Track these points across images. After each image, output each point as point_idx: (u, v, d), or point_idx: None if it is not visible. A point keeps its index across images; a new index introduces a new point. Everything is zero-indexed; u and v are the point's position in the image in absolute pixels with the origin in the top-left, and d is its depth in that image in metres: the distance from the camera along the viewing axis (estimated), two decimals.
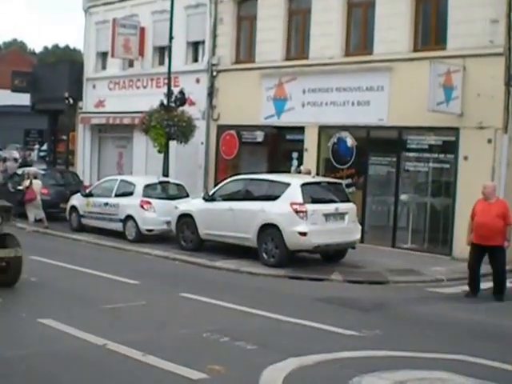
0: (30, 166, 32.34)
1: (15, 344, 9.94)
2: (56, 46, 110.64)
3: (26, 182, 23.56)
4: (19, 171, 27.77)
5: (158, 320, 11.75)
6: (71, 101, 31.52)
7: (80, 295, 13.62)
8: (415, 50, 20.86)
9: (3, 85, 65.45)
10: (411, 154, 20.94)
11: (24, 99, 57.69)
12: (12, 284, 13.88)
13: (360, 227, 18.52)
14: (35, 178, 23.78)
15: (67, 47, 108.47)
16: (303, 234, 16.84)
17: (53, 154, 35.61)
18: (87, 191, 23.19)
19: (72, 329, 10.61)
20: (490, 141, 18.95)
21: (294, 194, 17.25)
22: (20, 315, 11.63)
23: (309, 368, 8.91)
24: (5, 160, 35.81)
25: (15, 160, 36.66)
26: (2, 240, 14.10)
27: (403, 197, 21.20)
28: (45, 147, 42.35)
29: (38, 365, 8.98)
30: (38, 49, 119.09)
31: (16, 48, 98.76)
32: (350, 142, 22.29)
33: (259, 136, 24.82)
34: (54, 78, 33.02)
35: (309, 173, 20.63)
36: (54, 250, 19.60)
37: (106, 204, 21.88)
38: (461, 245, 16.80)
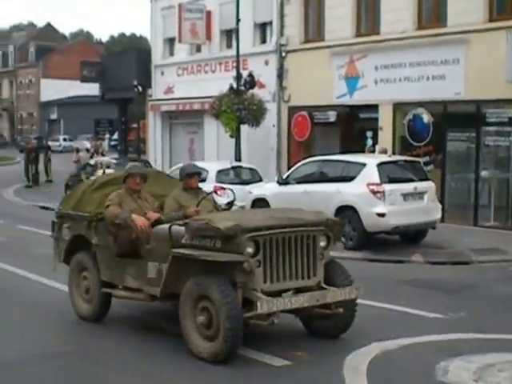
0: (103, 155, 32.56)
1: (96, 335, 9.91)
2: (122, 35, 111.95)
3: (99, 172, 23.62)
4: (92, 161, 27.96)
5: None
6: (140, 89, 31.64)
7: None
8: (491, 19, 20.15)
9: (72, 76, 66.55)
10: (491, 128, 20.29)
11: (93, 89, 58.53)
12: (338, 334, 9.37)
13: (440, 206, 17.97)
14: (108, 167, 23.84)
15: (133, 35, 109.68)
16: (381, 215, 16.39)
17: (124, 142, 35.84)
18: None
19: (143, 314, 10.54)
20: None
21: (370, 174, 16.80)
22: None
23: (393, 352, 8.71)
24: (77, 151, 36.21)
25: (87, 150, 36.99)
26: (330, 271, 9.11)
27: (484, 173, 20.56)
28: (115, 136, 42.75)
29: (120, 356, 8.91)
30: (105, 38, 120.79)
31: (83, 38, 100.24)
32: (426, 118, 21.69)
33: (331, 116, 24.44)
34: (122, 66, 33.21)
35: (385, 152, 20.17)
36: None
37: None
38: None
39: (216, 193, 20.42)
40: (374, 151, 21.68)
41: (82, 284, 10.42)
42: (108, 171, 23.55)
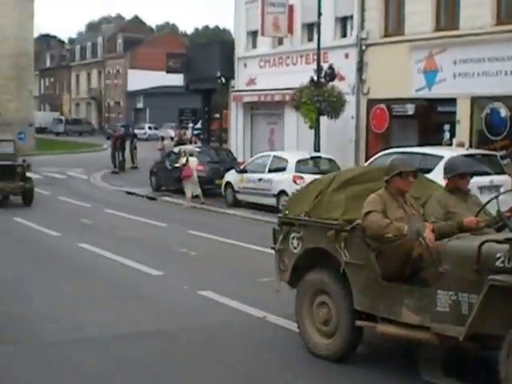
0: (185, 144, 33.38)
1: (177, 316, 10.36)
2: (206, 27, 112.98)
3: (183, 160, 24.37)
4: (175, 149, 28.76)
5: None
6: (223, 80, 32.27)
7: (237, 268, 13.94)
8: None
9: (158, 67, 67.74)
10: None
11: (178, 80, 59.51)
12: None
13: None
14: (191, 155, 24.58)
15: (217, 28, 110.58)
16: None
17: (207, 132, 36.64)
18: (241, 167, 23.78)
19: (232, 301, 10.94)
20: None
21: None
22: (181, 288, 12.08)
23: None
24: (162, 139, 37.16)
25: (171, 139, 37.95)
26: None
27: None
28: (199, 125, 43.52)
29: (200, 337, 9.29)
30: (189, 30, 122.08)
31: (168, 31, 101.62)
32: (503, 112, 21.75)
33: (410, 109, 24.58)
34: (207, 58, 33.86)
35: (462, 145, 20.30)
36: (210, 224, 20.24)
37: (260, 179, 22.39)
38: None
39: (295, 182, 21.11)
40: (451, 144, 21.80)
41: (317, 312, 8.29)
42: (191, 159, 24.36)
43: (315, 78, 24.29)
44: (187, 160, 24.10)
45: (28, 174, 23.62)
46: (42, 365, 8.17)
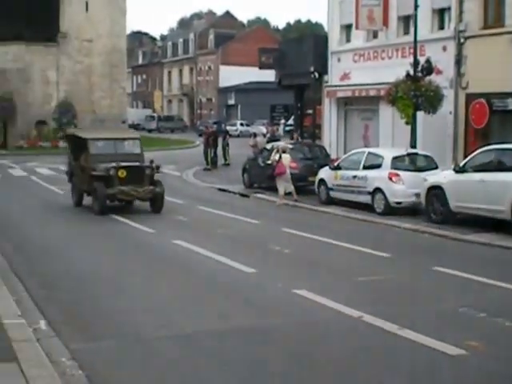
0: (279, 140, 33.16)
1: (272, 313, 10.37)
2: (298, 22, 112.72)
3: (276, 156, 24.14)
4: (268, 146, 28.57)
5: (412, 294, 11.69)
6: (317, 75, 31.91)
7: (332, 267, 13.84)
8: None
9: (250, 62, 67.97)
10: None
11: (269, 76, 59.51)
12: None
13: None
14: (284, 152, 24.31)
15: (309, 22, 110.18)
16: None
17: (299, 128, 36.30)
18: (335, 164, 23.39)
19: (327, 300, 10.80)
20: None
21: None
22: (275, 285, 12.01)
23: None
24: (255, 135, 37.06)
25: (264, 135, 37.80)
26: None
27: None
28: (290, 122, 43.29)
29: (294, 335, 9.28)
30: (281, 25, 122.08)
31: (260, 25, 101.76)
32: None
33: (511, 103, 23.71)
34: (299, 53, 33.57)
35: None
36: (303, 222, 20.01)
37: (355, 177, 21.96)
38: None
39: (391, 179, 20.60)
40: None
41: None
42: (284, 156, 24.08)
43: (411, 72, 23.66)
44: (280, 157, 23.83)
45: (157, 177, 21.65)
46: (142, 360, 8.33)
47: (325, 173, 23.53)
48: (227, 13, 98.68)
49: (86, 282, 12.39)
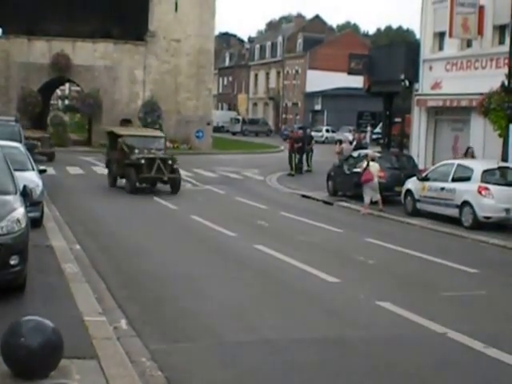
0: (365, 148, 32.74)
1: (354, 325, 10.22)
2: (389, 28, 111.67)
3: (363, 164, 23.80)
4: (354, 154, 28.22)
5: (501, 311, 11.42)
6: (407, 83, 31.38)
7: (417, 280, 13.57)
8: None
9: (337, 67, 67.66)
10: None
11: (356, 82, 59.00)
12: None
13: None
14: (372, 160, 23.94)
15: (400, 28, 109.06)
16: None
17: (387, 136, 35.79)
18: (423, 175, 22.90)
19: (411, 314, 10.61)
20: None
21: None
22: (358, 296, 11.84)
23: None
24: (340, 142, 36.71)
25: (350, 142, 37.40)
26: None
27: None
28: (378, 130, 42.76)
29: (376, 348, 9.15)
30: (371, 31, 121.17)
31: (349, 30, 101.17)
32: None
33: None
34: (390, 59, 33.08)
35: None
36: (388, 233, 19.65)
37: (442, 189, 21.43)
38: None
39: (480, 193, 20.03)
40: None
41: None
42: (372, 164, 23.70)
43: (506, 83, 22.99)
44: (368, 164, 23.47)
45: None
46: (218, 363, 8.38)
47: (412, 183, 23.06)
48: (317, 17, 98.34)
49: (166, 283, 12.41)
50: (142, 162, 25.29)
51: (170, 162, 25.87)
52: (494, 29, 27.64)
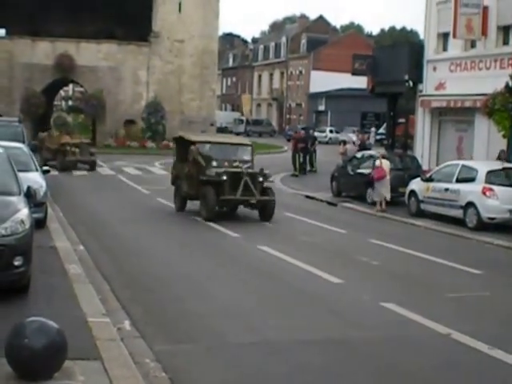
0: (369, 149, 32.71)
1: (358, 325, 10.21)
2: (393, 28, 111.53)
3: (377, 162, 23.76)
4: (358, 154, 28.19)
5: (505, 313, 11.37)
6: (411, 84, 31.36)
7: (421, 281, 13.55)
8: None
9: (341, 68, 67.59)
10: None
11: (360, 82, 58.98)
12: None
13: None
14: (384, 157, 23.93)
15: (404, 29, 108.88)
16: None
17: (391, 137, 35.76)
18: (427, 176, 22.86)
19: (415, 315, 10.60)
20: None
21: None
22: (361, 297, 11.81)
23: None
24: (344, 143, 36.68)
25: (353, 143, 37.38)
26: None
27: None
28: (381, 130, 42.75)
29: (380, 348, 9.14)
30: (375, 31, 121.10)
31: (353, 31, 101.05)
32: None
33: None
34: (394, 60, 33.06)
35: None
36: (392, 234, 19.63)
37: (447, 190, 21.39)
38: None
39: (485, 194, 19.99)
40: None
41: None
42: (385, 161, 23.67)
43: (510, 84, 22.98)
44: (380, 163, 23.44)
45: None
46: (222, 364, 8.37)
47: (416, 184, 23.02)
48: (320, 17, 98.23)
49: (169, 284, 12.40)
50: (224, 178, 19.44)
51: (260, 178, 20.16)
52: (498, 29, 27.61)
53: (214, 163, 20.15)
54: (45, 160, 31.75)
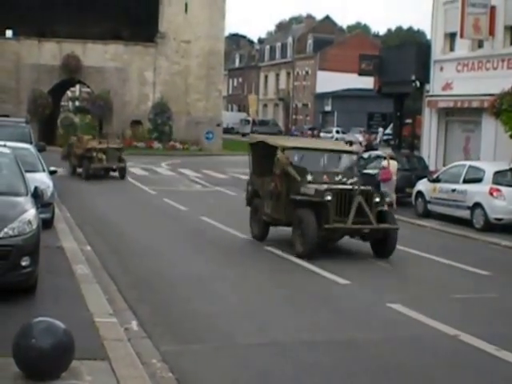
0: (376, 149, 32.66)
1: (365, 326, 10.20)
2: (399, 28, 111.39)
3: (384, 162, 23.71)
4: (365, 155, 28.16)
5: None
6: (418, 84, 31.31)
7: (427, 282, 13.57)
8: None
9: (348, 68, 67.53)
10: None
11: (367, 82, 58.91)
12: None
13: None
14: (392, 158, 23.87)
15: (410, 29, 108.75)
16: None
17: (398, 137, 35.72)
18: (434, 176, 22.82)
19: (421, 315, 10.59)
20: None
21: None
22: (369, 299, 11.81)
23: None
24: (351, 143, 36.61)
25: (360, 143, 37.34)
26: None
27: None
28: (388, 131, 42.69)
29: (389, 351, 9.12)
30: (382, 31, 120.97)
31: (359, 31, 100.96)
32: None
33: None
34: (401, 60, 33.01)
35: None
36: (399, 235, 19.35)
37: (454, 190, 21.35)
38: None
39: (492, 194, 19.94)
40: None
41: None
42: (392, 162, 23.62)
43: None
44: (388, 163, 23.40)
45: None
46: (229, 365, 8.38)
47: (423, 185, 22.98)
48: (327, 17, 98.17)
49: (176, 284, 12.40)
50: (328, 198, 14.45)
51: (377, 199, 15.04)
52: (506, 29, 27.55)
53: (310, 177, 15.46)
54: (73, 167, 30.95)
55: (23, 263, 9.73)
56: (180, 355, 8.54)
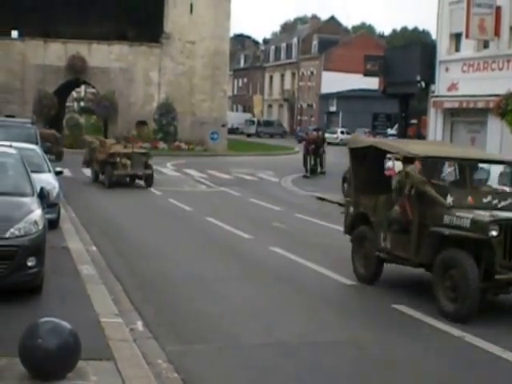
0: None
1: (370, 328, 10.18)
2: (404, 29, 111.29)
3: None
4: None
5: None
6: (423, 84, 31.30)
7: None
8: None
9: (353, 69, 67.51)
10: None
11: (372, 83, 58.81)
12: None
13: None
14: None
15: (416, 29, 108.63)
16: None
17: (403, 138, 35.68)
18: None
19: (426, 316, 10.62)
20: None
21: None
22: (375, 299, 11.83)
23: None
24: None
25: None
26: None
27: None
28: (393, 131, 42.66)
29: (394, 352, 9.10)
30: (387, 32, 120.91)
31: (364, 31, 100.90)
32: None
33: None
34: (406, 61, 33.03)
35: None
36: None
37: None
38: None
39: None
40: None
41: None
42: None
43: None
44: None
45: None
46: (234, 365, 8.41)
47: None
48: (332, 18, 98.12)
49: (181, 284, 12.40)
50: (493, 234, 10.09)
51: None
52: (511, 30, 27.54)
53: (450, 199, 11.18)
54: (95, 174, 28.58)
55: (29, 263, 9.75)
56: (185, 355, 8.55)
